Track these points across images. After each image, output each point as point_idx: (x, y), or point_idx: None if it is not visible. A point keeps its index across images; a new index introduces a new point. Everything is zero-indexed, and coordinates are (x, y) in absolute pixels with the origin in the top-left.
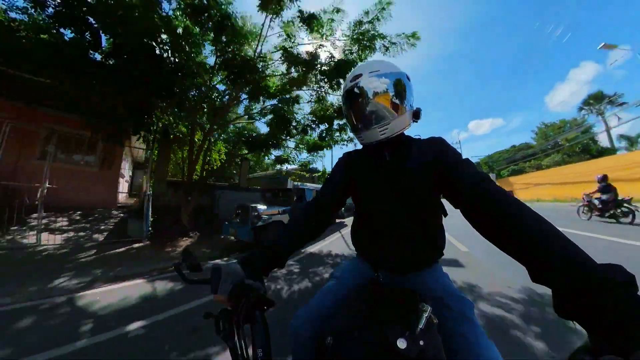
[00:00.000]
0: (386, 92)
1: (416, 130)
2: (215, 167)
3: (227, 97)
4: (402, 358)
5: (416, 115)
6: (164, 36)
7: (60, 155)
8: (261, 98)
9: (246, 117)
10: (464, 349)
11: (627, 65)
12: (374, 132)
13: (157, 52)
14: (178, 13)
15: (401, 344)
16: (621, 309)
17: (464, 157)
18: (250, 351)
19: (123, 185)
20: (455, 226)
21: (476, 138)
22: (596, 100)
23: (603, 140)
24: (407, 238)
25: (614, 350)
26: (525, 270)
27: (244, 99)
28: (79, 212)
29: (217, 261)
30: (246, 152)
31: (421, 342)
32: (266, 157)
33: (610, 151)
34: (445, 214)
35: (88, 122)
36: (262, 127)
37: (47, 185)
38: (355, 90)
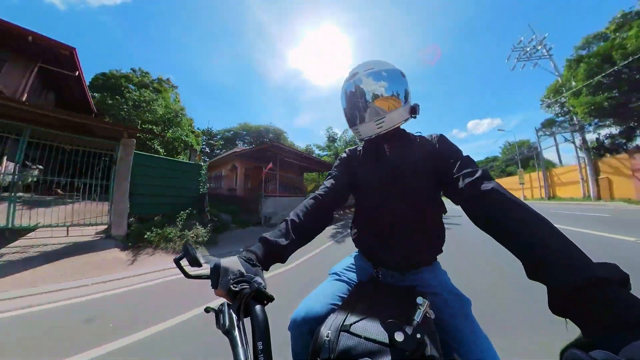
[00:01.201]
0: (381, 88)
1: (416, 128)
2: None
3: None
4: (399, 351)
5: (413, 110)
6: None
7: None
8: None
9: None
10: (460, 344)
11: None
12: (371, 125)
13: None
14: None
15: (399, 337)
16: (614, 308)
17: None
18: (250, 344)
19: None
20: None
21: (475, 138)
22: (549, 124)
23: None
24: (407, 236)
25: (605, 345)
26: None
27: None
28: None
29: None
30: None
31: (418, 336)
32: None
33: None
34: (445, 211)
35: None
36: None
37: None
38: (352, 87)
